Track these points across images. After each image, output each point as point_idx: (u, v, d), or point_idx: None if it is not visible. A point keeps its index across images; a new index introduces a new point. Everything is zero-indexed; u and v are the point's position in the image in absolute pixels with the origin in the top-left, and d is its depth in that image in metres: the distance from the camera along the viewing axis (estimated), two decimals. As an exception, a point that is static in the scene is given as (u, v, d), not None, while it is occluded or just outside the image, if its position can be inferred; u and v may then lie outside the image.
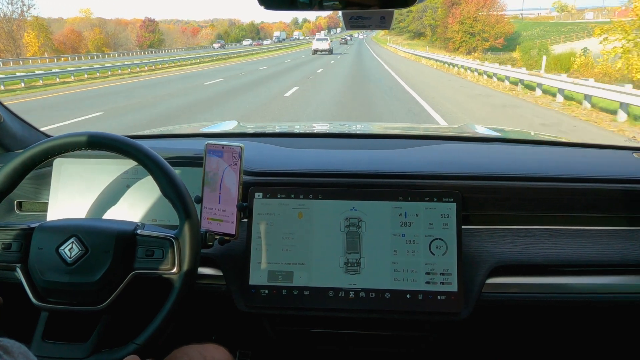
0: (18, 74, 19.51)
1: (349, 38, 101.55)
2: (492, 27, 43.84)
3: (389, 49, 54.02)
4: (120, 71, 25.01)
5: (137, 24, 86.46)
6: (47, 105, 12.78)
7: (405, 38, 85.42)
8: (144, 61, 29.89)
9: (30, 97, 15.04)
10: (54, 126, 8.65)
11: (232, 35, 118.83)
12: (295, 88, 14.69)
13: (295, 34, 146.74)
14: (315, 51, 41.55)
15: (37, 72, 20.95)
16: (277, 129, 2.00)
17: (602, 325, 1.29)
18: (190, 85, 17.26)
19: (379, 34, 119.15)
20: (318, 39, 44.90)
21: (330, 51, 41.98)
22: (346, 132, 1.91)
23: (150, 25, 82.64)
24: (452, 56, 28.45)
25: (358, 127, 2.15)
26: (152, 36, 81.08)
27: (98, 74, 23.38)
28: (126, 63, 27.44)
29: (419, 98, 11.96)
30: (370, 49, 52.82)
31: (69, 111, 11.07)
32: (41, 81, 19.78)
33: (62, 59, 45.86)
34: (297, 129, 2.08)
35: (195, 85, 16.93)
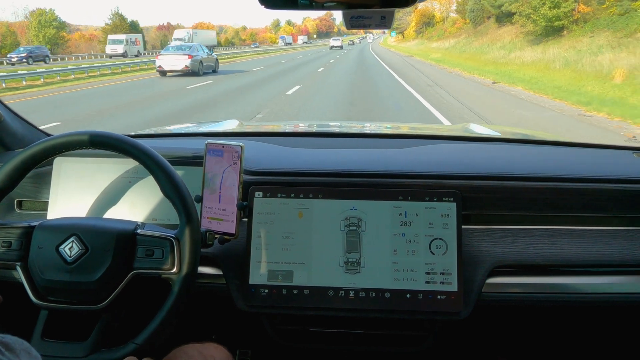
0: None
1: (358, 41, 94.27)
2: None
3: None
4: None
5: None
6: None
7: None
8: None
9: None
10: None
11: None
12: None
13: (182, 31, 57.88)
14: (332, 47, 58.57)
15: None
16: (277, 128, 2.00)
17: (601, 326, 1.29)
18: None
19: (389, 37, 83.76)
20: (334, 39, 66.13)
21: (341, 47, 59.11)
22: (346, 131, 1.91)
23: None
24: None
25: (358, 127, 2.15)
26: None
27: None
28: None
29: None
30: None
31: None
32: None
33: None
34: (297, 128, 2.08)
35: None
